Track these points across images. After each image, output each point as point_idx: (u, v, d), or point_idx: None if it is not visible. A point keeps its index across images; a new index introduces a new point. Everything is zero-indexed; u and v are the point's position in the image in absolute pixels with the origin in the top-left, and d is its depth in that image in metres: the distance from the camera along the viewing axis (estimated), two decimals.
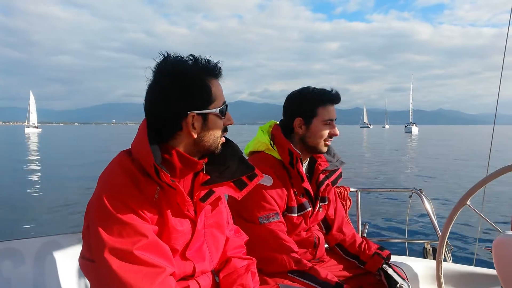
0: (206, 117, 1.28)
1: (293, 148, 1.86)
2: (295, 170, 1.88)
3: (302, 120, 1.91)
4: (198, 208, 1.32)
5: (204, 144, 1.30)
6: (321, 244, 2.05)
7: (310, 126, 1.91)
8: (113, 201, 1.14)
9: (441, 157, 27.68)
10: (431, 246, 3.07)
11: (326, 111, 1.91)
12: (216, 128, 1.31)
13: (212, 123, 1.29)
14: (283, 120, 2.00)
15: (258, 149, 1.97)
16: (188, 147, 1.29)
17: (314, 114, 1.90)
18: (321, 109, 1.90)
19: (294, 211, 1.91)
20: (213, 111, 1.28)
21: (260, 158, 1.93)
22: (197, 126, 1.27)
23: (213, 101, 1.28)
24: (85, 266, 1.23)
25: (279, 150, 1.91)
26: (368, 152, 33.63)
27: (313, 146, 1.93)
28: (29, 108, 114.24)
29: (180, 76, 1.24)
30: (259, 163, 1.88)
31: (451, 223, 1.79)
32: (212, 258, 1.40)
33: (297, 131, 1.93)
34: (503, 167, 1.63)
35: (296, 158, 1.86)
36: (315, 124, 1.90)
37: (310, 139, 1.92)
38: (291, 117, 1.93)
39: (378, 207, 9.90)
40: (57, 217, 9.76)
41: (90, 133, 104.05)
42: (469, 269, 2.39)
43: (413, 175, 17.81)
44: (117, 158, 1.25)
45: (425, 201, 2.93)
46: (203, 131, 1.28)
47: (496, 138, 3.22)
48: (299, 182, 1.90)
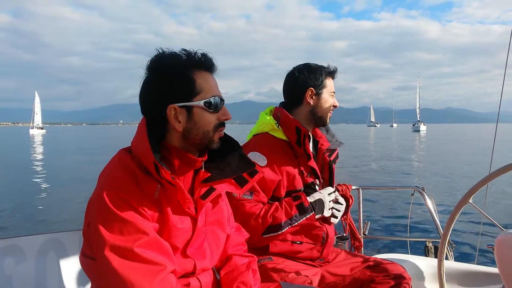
0: (191, 109, 1.26)
1: (301, 125, 1.91)
2: (301, 149, 1.92)
3: (314, 90, 2.00)
4: (199, 206, 1.31)
5: (194, 138, 1.28)
6: (329, 242, 2.05)
7: (321, 97, 2.01)
8: (113, 199, 1.14)
9: (447, 155, 27.62)
10: (433, 244, 3.06)
11: (331, 83, 2.05)
12: (204, 121, 1.27)
13: (198, 116, 1.26)
14: (289, 95, 2.06)
15: (262, 130, 2.01)
16: (180, 142, 1.28)
17: (324, 85, 2.01)
18: (328, 81, 2.03)
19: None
20: (196, 103, 1.26)
21: (264, 139, 1.97)
22: (182, 119, 1.25)
23: (197, 94, 1.26)
24: (85, 263, 1.23)
25: (284, 130, 1.96)
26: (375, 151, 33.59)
27: (321, 116, 2.03)
28: (34, 108, 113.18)
29: (164, 68, 1.25)
30: (259, 144, 1.94)
31: (453, 221, 1.79)
32: (213, 255, 1.40)
33: (308, 102, 2.01)
34: (505, 165, 1.62)
35: (304, 135, 1.90)
36: (325, 95, 2.02)
37: (319, 110, 2.02)
38: (302, 89, 2.00)
39: (380, 205, 9.90)
40: (58, 215, 9.80)
41: (96, 134, 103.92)
42: (471, 267, 2.38)
43: (417, 173, 17.78)
44: (117, 156, 1.25)
45: (427, 199, 2.92)
46: (188, 124, 1.26)
47: (502, 136, 3.21)
48: (305, 160, 1.95)
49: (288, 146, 1.96)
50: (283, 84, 2.09)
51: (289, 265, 1.89)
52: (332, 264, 2.05)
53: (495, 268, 1.83)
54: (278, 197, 1.91)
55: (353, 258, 2.09)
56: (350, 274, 2.01)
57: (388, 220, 8.67)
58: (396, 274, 1.94)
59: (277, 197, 1.91)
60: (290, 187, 1.93)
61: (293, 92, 2.04)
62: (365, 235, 2.99)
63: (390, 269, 1.97)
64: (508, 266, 1.61)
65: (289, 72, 2.06)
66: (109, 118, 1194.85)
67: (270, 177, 1.88)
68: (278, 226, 1.84)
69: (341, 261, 2.08)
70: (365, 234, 2.99)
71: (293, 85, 2.03)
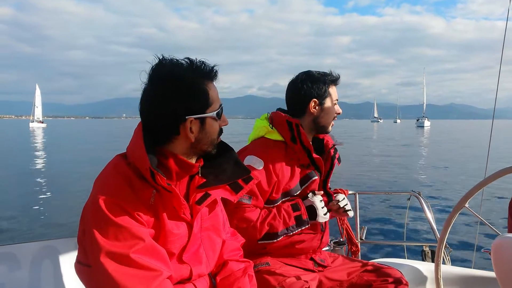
0: (204, 121, 1.28)
1: (290, 117, 1.92)
2: (298, 144, 1.92)
3: (317, 101, 1.99)
4: (194, 211, 1.31)
5: (202, 147, 1.31)
6: (327, 229, 2.10)
7: (324, 107, 2.01)
8: (109, 205, 1.13)
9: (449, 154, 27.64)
10: (430, 248, 3.07)
11: (334, 92, 2.05)
12: (213, 131, 1.32)
13: (209, 126, 1.30)
14: (292, 105, 2.05)
15: (259, 135, 2.02)
16: (185, 150, 1.29)
17: (327, 95, 2.01)
18: (331, 89, 2.03)
19: (295, 191, 1.94)
20: (210, 114, 1.29)
21: (260, 143, 1.99)
22: (195, 130, 1.27)
23: (211, 105, 1.29)
24: (81, 271, 1.22)
25: (278, 129, 1.97)
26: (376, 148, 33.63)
27: (324, 125, 2.04)
28: (35, 101, 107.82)
29: (178, 80, 1.24)
30: (256, 147, 1.95)
31: (450, 225, 1.79)
32: (209, 261, 1.39)
33: (312, 112, 2.00)
34: (501, 169, 1.63)
35: (296, 124, 1.90)
36: (328, 104, 2.02)
37: (323, 119, 2.02)
38: (305, 100, 1.99)
39: (377, 210, 9.89)
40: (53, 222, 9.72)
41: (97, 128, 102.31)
42: (468, 272, 2.38)
43: (415, 175, 17.78)
44: (113, 162, 1.25)
45: (424, 204, 2.93)
46: (200, 135, 1.29)
47: (504, 133, 3.22)
48: (305, 154, 1.95)
49: (285, 145, 1.97)
50: (286, 92, 2.08)
51: (286, 270, 1.89)
52: (329, 269, 2.04)
53: (492, 272, 1.83)
54: (273, 200, 1.91)
55: (350, 263, 2.09)
56: (348, 279, 2.00)
57: (385, 224, 8.67)
58: (394, 278, 1.94)
59: (272, 200, 1.91)
60: (286, 188, 1.93)
61: (296, 103, 2.03)
62: (362, 240, 2.98)
63: (388, 273, 1.97)
64: (505, 270, 1.61)
65: (291, 81, 2.05)
66: (112, 112, 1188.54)
67: (266, 180, 1.88)
68: (274, 234, 1.86)
69: (338, 266, 2.07)
70: (362, 239, 2.99)
71: (296, 95, 2.02)
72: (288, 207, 1.91)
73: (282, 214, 1.88)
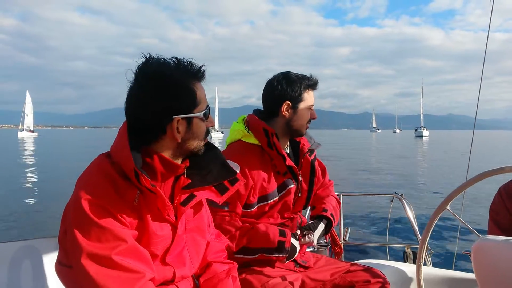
0: (191, 121, 1.27)
1: (266, 125, 1.90)
2: (274, 151, 1.90)
3: (290, 104, 1.96)
4: (179, 213, 1.30)
5: (188, 147, 1.30)
6: (303, 222, 2.08)
7: (296, 110, 1.97)
8: (91, 205, 1.11)
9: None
10: (412, 250, 3.11)
11: (310, 96, 1.99)
12: (200, 131, 1.31)
13: (196, 126, 1.29)
14: (266, 105, 2.02)
15: (235, 138, 1.99)
16: (171, 151, 1.28)
17: (302, 99, 1.96)
18: (306, 94, 1.98)
19: (272, 196, 1.92)
20: (197, 115, 1.28)
21: (236, 146, 1.96)
22: (182, 130, 1.26)
23: (198, 105, 1.28)
24: (62, 272, 1.20)
25: (254, 133, 1.94)
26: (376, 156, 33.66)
27: (297, 129, 1.99)
28: (25, 109, 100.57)
29: (165, 79, 1.23)
30: (232, 151, 1.92)
31: (431, 227, 1.82)
32: (193, 263, 1.38)
33: (284, 115, 1.96)
34: (481, 173, 1.66)
35: (272, 134, 1.88)
36: (301, 109, 1.97)
37: (295, 123, 1.98)
38: (278, 101, 1.96)
39: (360, 211, 9.98)
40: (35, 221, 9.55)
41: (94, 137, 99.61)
42: (449, 273, 2.42)
43: (399, 180, 18.00)
44: (96, 161, 1.23)
45: (406, 206, 2.97)
46: (187, 135, 1.28)
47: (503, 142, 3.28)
48: (281, 161, 1.92)
49: (261, 150, 1.94)
50: (262, 91, 2.06)
51: (269, 271, 1.89)
52: (312, 270, 2.05)
53: (472, 274, 1.86)
54: (250, 204, 1.89)
55: (333, 264, 2.10)
56: (330, 280, 2.02)
57: (368, 226, 8.76)
58: (376, 280, 1.96)
59: (249, 204, 1.89)
60: (262, 192, 1.91)
61: (269, 103, 2.01)
62: (345, 241, 3.01)
63: (370, 274, 1.99)
64: (485, 272, 1.64)
65: (268, 80, 2.02)
66: (111, 121, 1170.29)
67: (243, 184, 1.86)
68: (252, 250, 1.82)
69: (321, 266, 2.08)
70: (345, 240, 3.01)
71: (270, 95, 2.00)
72: (275, 229, 1.86)
73: (266, 233, 1.83)
